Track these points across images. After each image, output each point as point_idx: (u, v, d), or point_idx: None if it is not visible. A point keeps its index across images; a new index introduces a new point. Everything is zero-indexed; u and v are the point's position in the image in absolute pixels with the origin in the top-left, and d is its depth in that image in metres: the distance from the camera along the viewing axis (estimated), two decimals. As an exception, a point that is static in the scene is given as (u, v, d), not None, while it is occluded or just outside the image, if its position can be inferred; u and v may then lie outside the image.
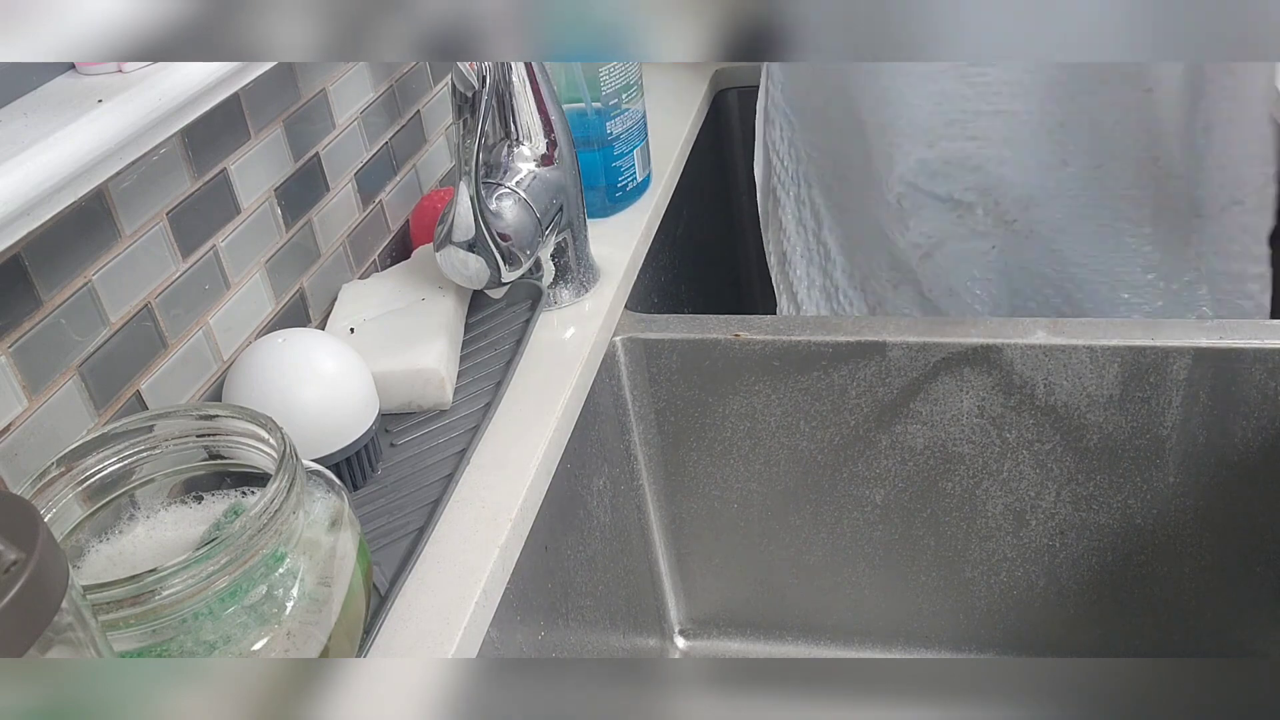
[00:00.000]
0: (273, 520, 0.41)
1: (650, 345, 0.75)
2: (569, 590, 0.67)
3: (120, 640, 0.39)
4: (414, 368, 0.63)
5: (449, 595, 0.52)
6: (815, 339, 0.71)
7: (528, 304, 0.72)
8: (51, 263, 0.48)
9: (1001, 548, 0.76)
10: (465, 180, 0.60)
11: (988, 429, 0.72)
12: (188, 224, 0.57)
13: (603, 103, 0.81)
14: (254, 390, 0.55)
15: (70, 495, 0.44)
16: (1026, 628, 0.79)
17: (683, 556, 0.83)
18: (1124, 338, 0.67)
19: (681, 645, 0.86)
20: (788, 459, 0.76)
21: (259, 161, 0.62)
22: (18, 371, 0.47)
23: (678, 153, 0.95)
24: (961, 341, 0.69)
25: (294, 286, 0.66)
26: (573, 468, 0.68)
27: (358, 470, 0.58)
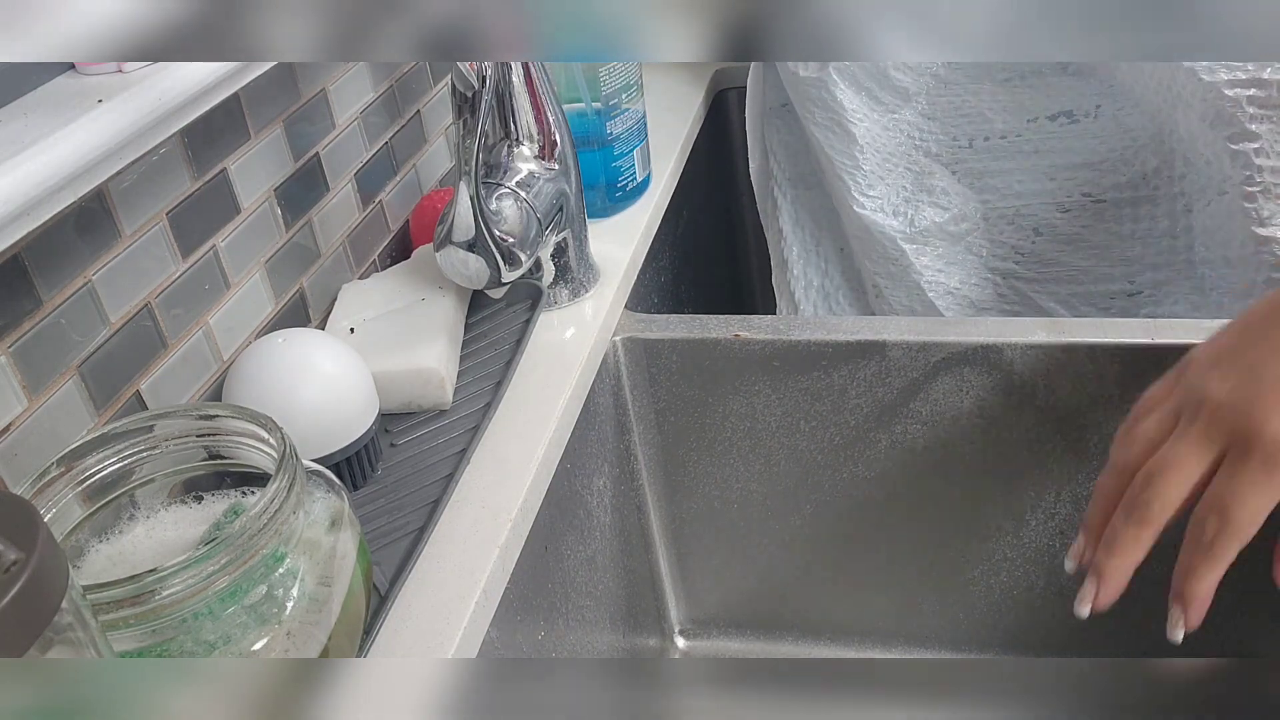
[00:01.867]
0: (273, 520, 0.41)
1: (650, 345, 0.75)
2: (569, 590, 0.67)
3: (120, 640, 0.39)
4: (414, 368, 0.63)
5: (449, 595, 0.52)
6: (815, 339, 0.71)
7: (528, 304, 0.72)
8: (51, 263, 0.48)
9: (1001, 548, 0.76)
10: (465, 180, 0.60)
11: (988, 429, 0.72)
12: (188, 224, 0.57)
13: (603, 103, 0.81)
14: (254, 390, 0.55)
15: (70, 495, 0.44)
16: (1026, 628, 0.79)
17: (683, 556, 0.83)
18: (1124, 337, 0.67)
19: (681, 645, 0.86)
20: (788, 459, 0.76)
21: (259, 161, 0.62)
22: (18, 371, 0.47)
23: (678, 153, 0.95)
24: (961, 341, 0.69)
25: (294, 286, 0.66)
26: (573, 468, 0.68)
27: (358, 470, 0.58)
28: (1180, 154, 0.79)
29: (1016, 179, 0.85)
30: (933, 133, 0.86)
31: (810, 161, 0.93)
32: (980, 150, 0.85)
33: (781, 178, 0.95)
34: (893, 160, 0.86)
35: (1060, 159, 0.84)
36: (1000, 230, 0.87)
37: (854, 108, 0.84)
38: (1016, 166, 0.85)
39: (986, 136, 0.85)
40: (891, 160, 0.86)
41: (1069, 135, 0.83)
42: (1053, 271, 0.87)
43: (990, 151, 0.85)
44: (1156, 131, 0.80)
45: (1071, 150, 0.83)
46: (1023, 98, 0.82)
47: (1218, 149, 0.74)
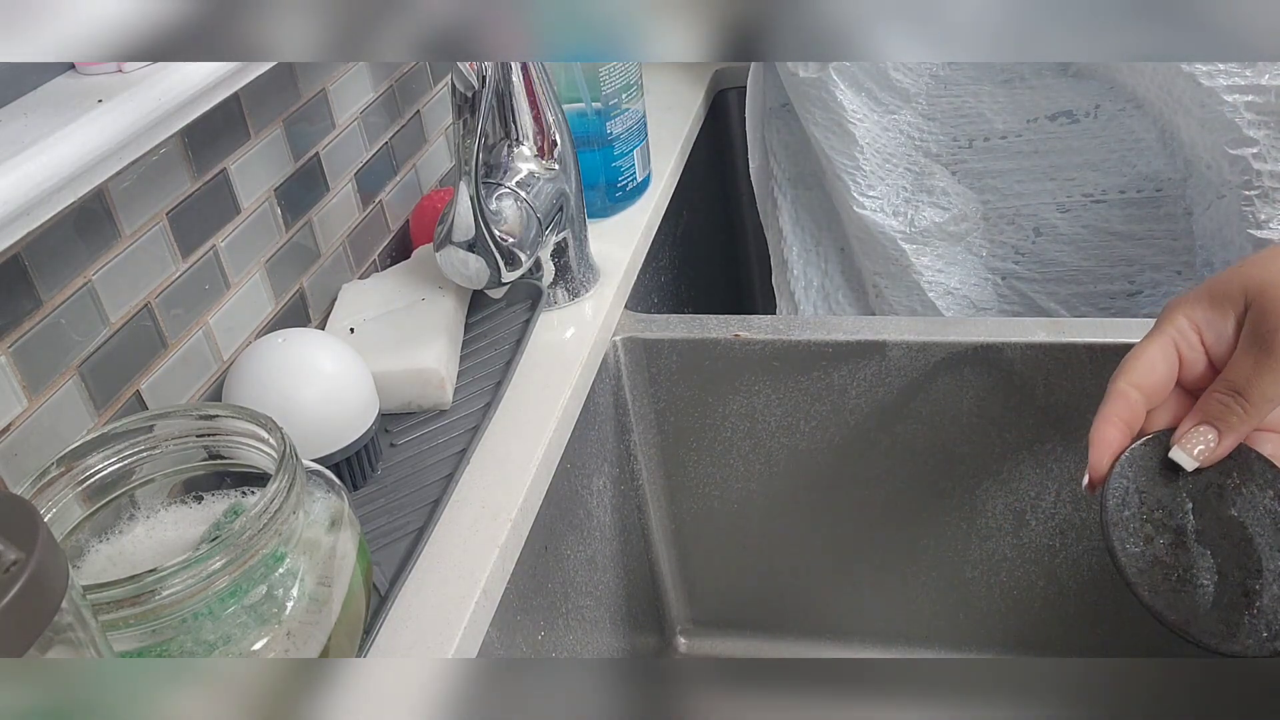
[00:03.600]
0: (273, 520, 0.41)
1: (650, 345, 0.75)
2: (569, 590, 0.67)
3: (120, 640, 0.39)
4: (414, 368, 0.63)
5: (449, 595, 0.52)
6: (815, 339, 0.71)
7: (528, 304, 0.72)
8: (51, 263, 0.48)
9: (1001, 548, 0.76)
10: (465, 180, 0.60)
11: (988, 429, 0.72)
12: (188, 224, 0.57)
13: (603, 103, 0.81)
14: (254, 390, 0.55)
15: (70, 495, 0.44)
16: (1026, 628, 0.79)
17: (683, 556, 0.83)
18: (1124, 337, 0.67)
19: (681, 645, 0.86)
20: (788, 459, 0.76)
21: (259, 161, 0.62)
22: (18, 371, 0.47)
23: (678, 153, 0.95)
24: (961, 341, 0.69)
25: (294, 286, 0.66)
26: (573, 468, 0.68)
27: (358, 470, 0.58)
28: (1181, 156, 0.79)
29: (1016, 179, 0.85)
30: (933, 133, 0.86)
31: (810, 162, 0.93)
32: (980, 150, 0.85)
33: (781, 178, 0.95)
34: (893, 160, 0.86)
35: (1060, 159, 0.84)
36: (1000, 230, 0.87)
37: (854, 108, 0.84)
38: (1016, 166, 0.85)
39: (986, 137, 0.85)
40: (891, 160, 0.86)
41: (1069, 135, 0.83)
42: (1053, 271, 0.87)
43: (990, 152, 0.85)
44: (1158, 134, 0.80)
45: (1071, 150, 0.83)
46: (1023, 98, 0.83)
47: (1216, 153, 0.74)
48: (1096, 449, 0.50)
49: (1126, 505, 0.50)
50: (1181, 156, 0.79)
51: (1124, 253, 0.85)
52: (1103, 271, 0.86)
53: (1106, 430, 0.49)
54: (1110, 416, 0.50)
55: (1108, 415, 0.50)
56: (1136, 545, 0.49)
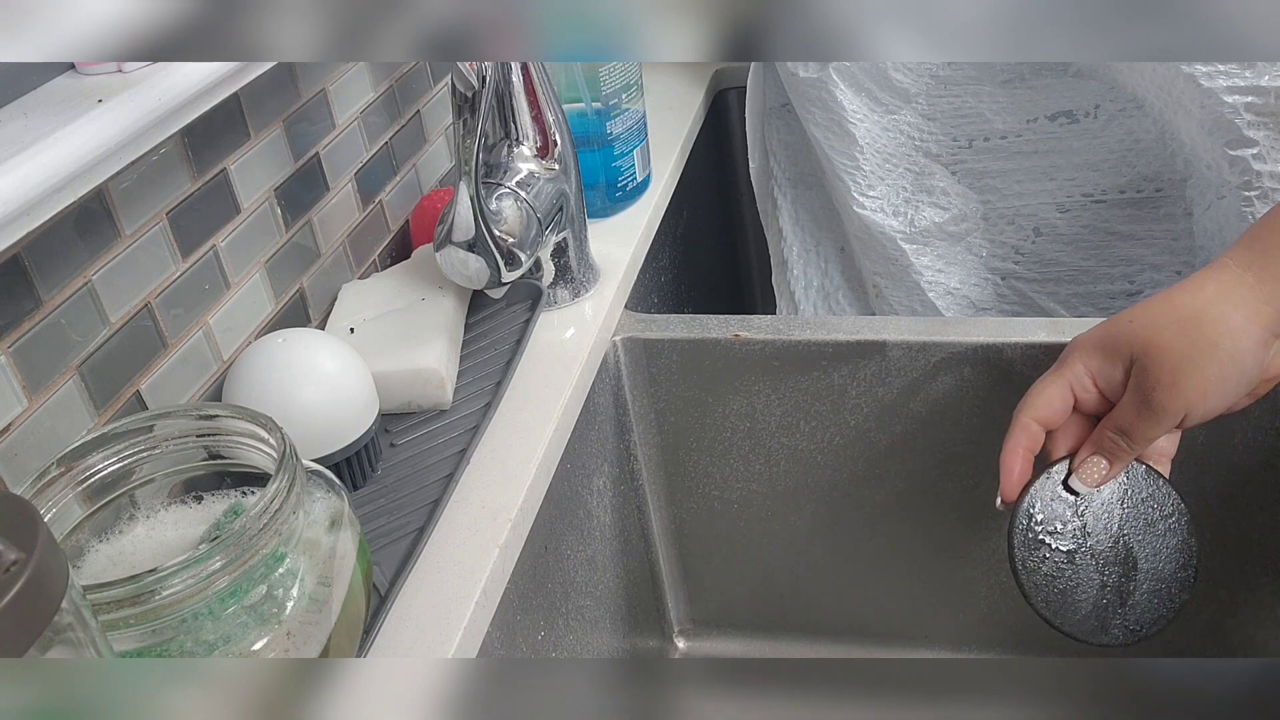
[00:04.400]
0: (273, 520, 0.41)
1: (650, 345, 0.75)
2: (569, 590, 0.67)
3: (120, 640, 0.39)
4: (414, 368, 0.63)
5: (449, 595, 0.52)
6: (815, 339, 0.71)
7: (528, 304, 0.72)
8: (51, 263, 0.48)
9: (1002, 547, 0.76)
10: (465, 180, 0.60)
11: (988, 429, 0.72)
12: (188, 224, 0.57)
13: (603, 103, 0.81)
14: (254, 390, 0.55)
15: (70, 495, 0.44)
16: (1026, 628, 0.79)
17: (683, 556, 0.83)
18: (1124, 338, 0.67)
19: (681, 645, 0.86)
20: (788, 459, 0.76)
21: (259, 161, 0.62)
22: (18, 371, 0.47)
23: (678, 153, 0.95)
24: (961, 341, 0.69)
25: (294, 286, 0.66)
26: (573, 468, 0.68)
27: (358, 470, 0.58)
28: (1181, 157, 0.79)
29: (1016, 179, 0.85)
30: (933, 133, 0.86)
31: (810, 161, 0.93)
32: (980, 150, 0.85)
33: (781, 178, 0.95)
34: (893, 160, 0.86)
35: (1060, 159, 0.84)
36: (1000, 230, 0.87)
37: (854, 108, 0.84)
38: (1016, 167, 0.85)
39: (986, 137, 0.85)
40: (891, 160, 0.86)
41: (1069, 135, 0.83)
42: (1053, 271, 0.87)
43: (990, 152, 0.85)
44: (1158, 134, 0.80)
45: (1071, 150, 0.83)
46: (1023, 98, 0.82)
47: (1216, 154, 0.74)
48: (1005, 476, 0.59)
49: (1030, 528, 0.59)
50: (1181, 157, 0.79)
51: (1124, 253, 0.85)
52: (1103, 271, 0.86)
53: (1012, 460, 0.59)
54: (1015, 448, 0.59)
55: (1013, 447, 0.59)
56: (1035, 562, 0.59)
